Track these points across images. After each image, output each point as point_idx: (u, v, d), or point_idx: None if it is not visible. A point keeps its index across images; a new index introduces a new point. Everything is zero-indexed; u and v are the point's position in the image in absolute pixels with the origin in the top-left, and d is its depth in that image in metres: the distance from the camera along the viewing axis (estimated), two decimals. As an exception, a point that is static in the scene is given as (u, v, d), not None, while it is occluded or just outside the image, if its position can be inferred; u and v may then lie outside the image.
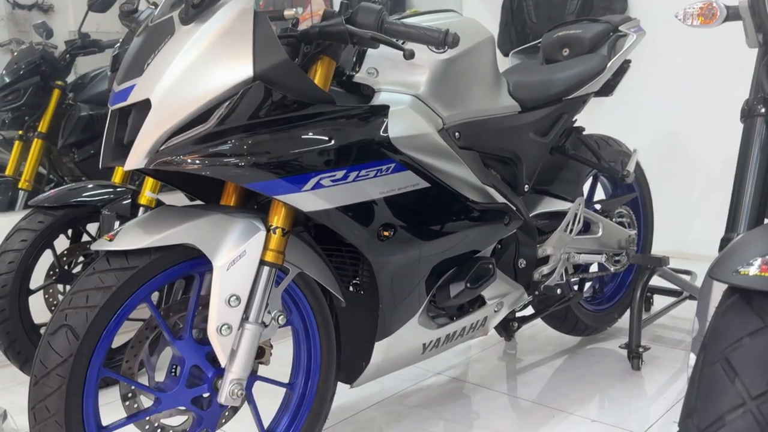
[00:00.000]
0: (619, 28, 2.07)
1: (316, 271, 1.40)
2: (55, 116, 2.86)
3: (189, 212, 1.25)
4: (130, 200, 2.03)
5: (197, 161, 1.14)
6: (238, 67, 1.13)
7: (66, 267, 2.07)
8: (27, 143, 2.92)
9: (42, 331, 1.99)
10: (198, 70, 1.13)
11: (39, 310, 2.00)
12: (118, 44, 2.07)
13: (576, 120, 2.01)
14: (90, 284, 1.15)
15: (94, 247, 1.20)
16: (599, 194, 2.32)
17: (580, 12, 3.57)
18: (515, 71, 2.01)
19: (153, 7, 1.88)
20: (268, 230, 1.27)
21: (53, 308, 2.06)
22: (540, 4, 3.73)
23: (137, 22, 1.58)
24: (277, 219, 1.28)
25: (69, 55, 2.85)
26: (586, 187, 2.19)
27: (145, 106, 1.14)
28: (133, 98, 1.15)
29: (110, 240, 1.18)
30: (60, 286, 2.08)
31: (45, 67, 2.82)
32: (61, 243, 2.06)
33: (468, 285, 1.52)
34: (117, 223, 2.01)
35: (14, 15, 3.46)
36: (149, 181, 2.04)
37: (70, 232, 2.11)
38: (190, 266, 1.27)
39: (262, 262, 1.26)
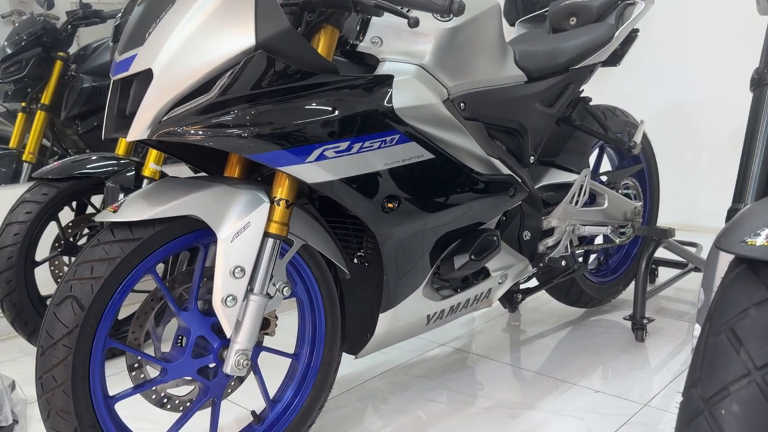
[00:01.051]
0: (628, -4, 2.03)
1: (321, 243, 1.40)
2: (57, 88, 2.84)
3: (193, 184, 1.25)
4: (134, 172, 2.02)
5: (200, 132, 1.13)
6: (239, 36, 1.12)
7: (71, 239, 2.08)
8: (30, 115, 2.91)
9: (48, 302, 2.00)
10: (199, 40, 1.11)
11: (45, 281, 2.01)
12: (120, 14, 2.05)
13: (583, 90, 1.99)
14: (94, 255, 1.15)
15: (98, 218, 1.19)
16: (605, 165, 2.31)
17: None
18: (521, 40, 1.98)
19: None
20: (272, 202, 1.26)
21: (59, 280, 2.07)
22: (547, -28, 3.66)
23: None
24: (281, 191, 1.27)
25: (70, 26, 2.82)
26: (592, 159, 2.18)
27: (146, 76, 1.13)
28: (135, 68, 1.14)
29: (114, 211, 1.18)
30: (65, 258, 2.09)
31: (47, 39, 2.80)
32: (66, 215, 2.06)
33: (472, 257, 1.52)
34: (121, 195, 2.01)
35: None
36: (153, 153, 2.03)
37: (74, 204, 2.11)
38: (195, 238, 1.27)
39: (267, 234, 1.26)
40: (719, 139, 3.28)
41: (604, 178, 2.16)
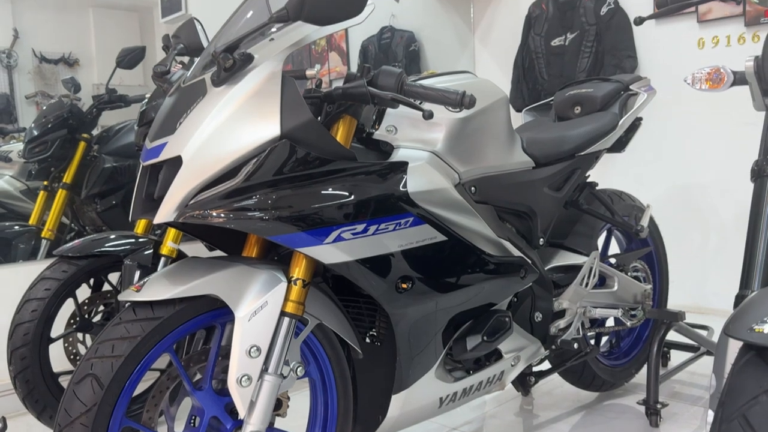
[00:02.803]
0: (630, 87, 2.13)
1: (335, 322, 1.42)
2: (80, 167, 2.95)
3: (213, 264, 1.29)
4: (151, 251, 2.07)
5: (224, 215, 1.18)
6: (266, 126, 1.19)
7: (86, 316, 2.10)
8: (51, 193, 3.00)
9: (60, 380, 2.01)
10: (228, 129, 1.18)
11: (57, 358, 2.02)
12: (146, 100, 2.15)
13: (589, 175, 2.05)
14: (116, 334, 1.18)
15: (121, 297, 1.23)
16: (613, 248, 2.34)
17: (591, 70, 3.66)
18: (529, 128, 2.06)
19: (181, 65, 1.96)
20: (289, 281, 1.30)
21: (72, 357, 2.08)
22: (551, 62, 3.83)
23: (169, 83, 1.66)
24: (298, 270, 1.31)
25: (96, 109, 2.95)
26: (600, 241, 2.21)
27: (176, 162, 1.19)
28: (165, 155, 1.21)
29: (137, 291, 1.22)
30: (80, 335, 2.11)
31: (72, 121, 2.93)
32: (82, 292, 2.09)
33: (485, 338, 1.53)
34: (138, 273, 2.05)
35: (41, 68, 3.61)
36: (171, 233, 2.09)
37: (91, 281, 2.15)
38: (212, 317, 1.29)
39: (283, 313, 1.28)
40: (726, 221, 3.32)
41: (612, 261, 2.19)
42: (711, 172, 3.33)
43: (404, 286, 1.38)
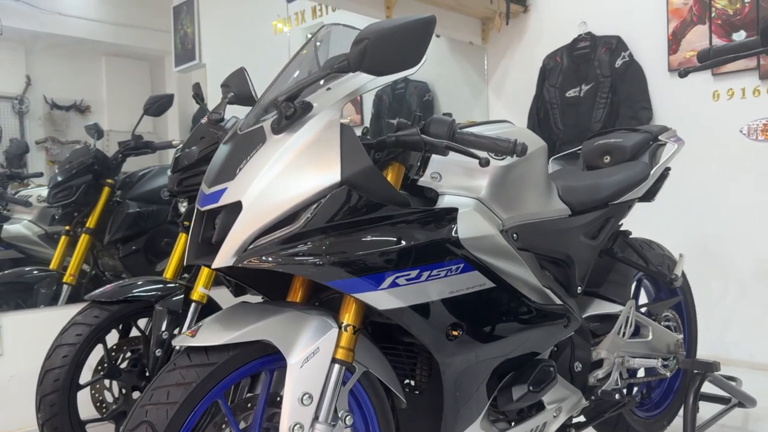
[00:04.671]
0: (659, 137, 2.16)
1: (381, 370, 1.40)
2: (103, 212, 2.96)
3: (264, 309, 1.28)
4: (182, 296, 2.06)
5: (282, 260, 1.18)
6: (326, 173, 1.20)
7: (114, 362, 2.08)
8: (72, 238, 3.01)
9: (87, 427, 1.97)
10: (289, 176, 1.19)
11: (82, 405, 1.99)
12: (180, 146, 2.18)
13: (622, 224, 2.06)
14: (171, 380, 1.17)
15: (175, 342, 1.22)
16: (642, 298, 2.33)
17: (606, 120, 3.72)
18: (560, 176, 2.08)
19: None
20: (339, 327, 1.29)
21: (99, 404, 2.04)
22: (566, 112, 3.90)
23: (224, 130, 1.69)
24: (348, 316, 1.30)
25: (121, 155, 2.98)
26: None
27: (235, 208, 1.20)
28: (225, 200, 1.21)
29: (192, 336, 1.21)
30: (107, 382, 2.08)
31: (98, 166, 2.95)
32: (110, 338, 2.07)
33: (530, 388, 1.51)
34: (167, 319, 2.04)
35: (51, 115, 3.67)
36: (202, 278, 2.08)
37: (120, 327, 2.13)
38: (262, 363, 1.28)
39: (334, 360, 1.27)
40: (744, 271, 3.32)
41: (643, 310, 2.18)
42: (728, 222, 3.35)
43: (455, 333, 1.37)
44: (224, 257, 1.18)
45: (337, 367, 1.28)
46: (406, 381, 1.53)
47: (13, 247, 3.09)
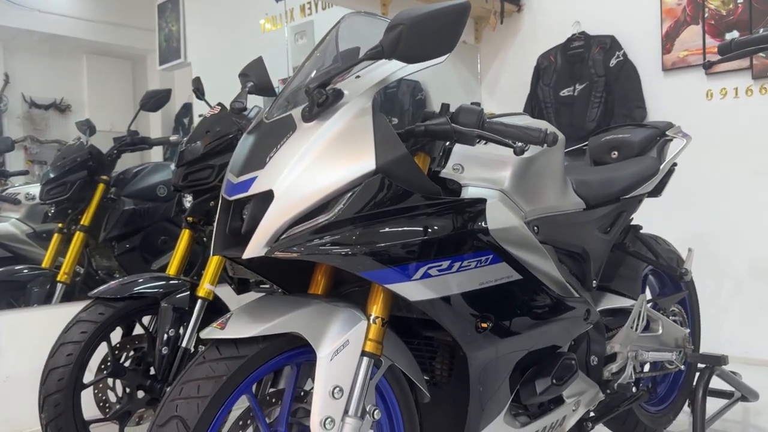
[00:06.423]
0: (666, 132, 2.17)
1: (405, 363, 1.38)
2: (98, 210, 2.89)
3: (292, 301, 1.25)
4: (188, 293, 2.02)
5: (314, 250, 1.16)
6: (361, 161, 1.18)
7: (117, 361, 2.03)
8: (65, 236, 2.93)
9: (91, 428, 1.91)
10: (322, 164, 1.17)
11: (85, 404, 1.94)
12: (185, 141, 2.13)
13: (633, 218, 2.06)
14: (201, 373, 1.13)
15: (204, 335, 1.18)
16: (648, 292, 2.34)
17: (601, 119, 3.74)
18: (572, 170, 2.08)
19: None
20: (367, 319, 1.26)
21: (102, 404, 1.99)
22: (560, 111, 3.92)
23: (247, 119, 1.65)
24: (377, 308, 1.28)
25: (117, 151, 2.92)
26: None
27: (266, 197, 1.17)
28: (255, 189, 1.18)
29: (221, 328, 1.17)
30: (110, 381, 2.02)
31: (92, 163, 2.88)
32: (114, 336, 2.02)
33: (554, 381, 1.50)
34: (172, 316, 1.99)
35: (30, 114, 3.58)
36: (208, 274, 2.04)
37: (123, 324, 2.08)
38: (291, 356, 1.25)
39: (363, 353, 1.24)
40: (739, 268, 3.35)
41: (650, 305, 2.18)
42: (721, 220, 3.38)
43: (483, 325, 1.35)
44: (256, 247, 1.15)
45: (366, 360, 1.25)
46: (431, 377, 1.51)
47: (1, 246, 3.00)
